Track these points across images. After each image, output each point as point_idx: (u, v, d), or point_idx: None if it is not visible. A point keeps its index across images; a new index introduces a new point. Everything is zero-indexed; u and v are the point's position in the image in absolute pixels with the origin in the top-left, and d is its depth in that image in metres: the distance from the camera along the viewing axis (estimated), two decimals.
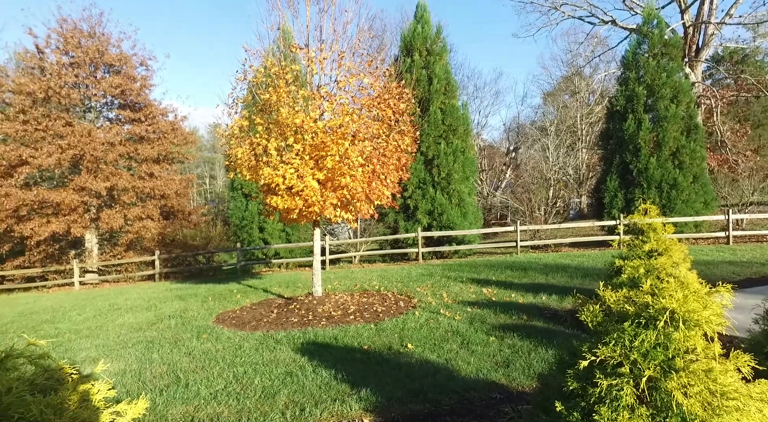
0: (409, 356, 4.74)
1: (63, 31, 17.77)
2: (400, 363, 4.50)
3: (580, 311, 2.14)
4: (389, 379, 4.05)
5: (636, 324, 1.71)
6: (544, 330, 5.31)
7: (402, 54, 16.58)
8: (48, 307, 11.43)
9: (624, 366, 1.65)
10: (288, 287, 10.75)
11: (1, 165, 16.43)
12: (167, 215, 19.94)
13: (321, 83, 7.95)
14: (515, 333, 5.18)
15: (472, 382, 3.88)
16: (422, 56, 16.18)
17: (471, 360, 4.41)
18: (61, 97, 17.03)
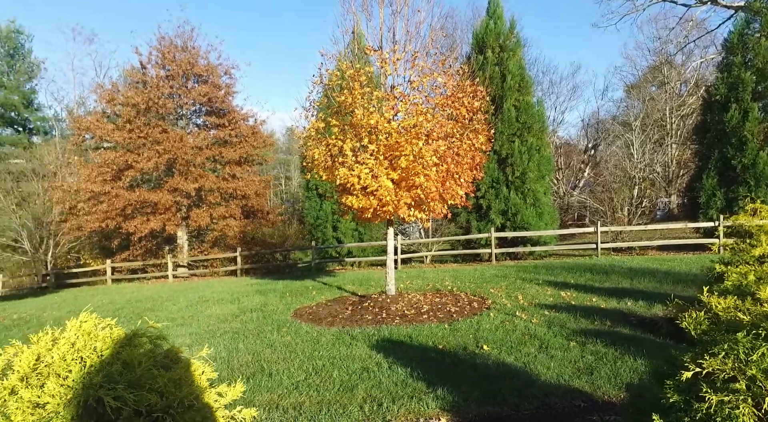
0: (485, 357, 4.66)
1: (161, 47, 19.53)
2: (476, 364, 4.44)
3: (680, 318, 1.98)
4: (466, 380, 4.01)
5: (753, 336, 1.55)
6: (630, 337, 4.98)
7: (474, 51, 16.30)
8: (148, 297, 12.63)
9: (739, 382, 1.51)
10: (361, 286, 10.99)
11: (112, 170, 18.42)
12: (248, 214, 21.20)
13: (394, 84, 8.03)
14: (598, 339, 4.90)
15: (553, 388, 3.74)
16: (495, 53, 15.80)
17: (550, 365, 4.24)
18: (159, 106, 18.74)
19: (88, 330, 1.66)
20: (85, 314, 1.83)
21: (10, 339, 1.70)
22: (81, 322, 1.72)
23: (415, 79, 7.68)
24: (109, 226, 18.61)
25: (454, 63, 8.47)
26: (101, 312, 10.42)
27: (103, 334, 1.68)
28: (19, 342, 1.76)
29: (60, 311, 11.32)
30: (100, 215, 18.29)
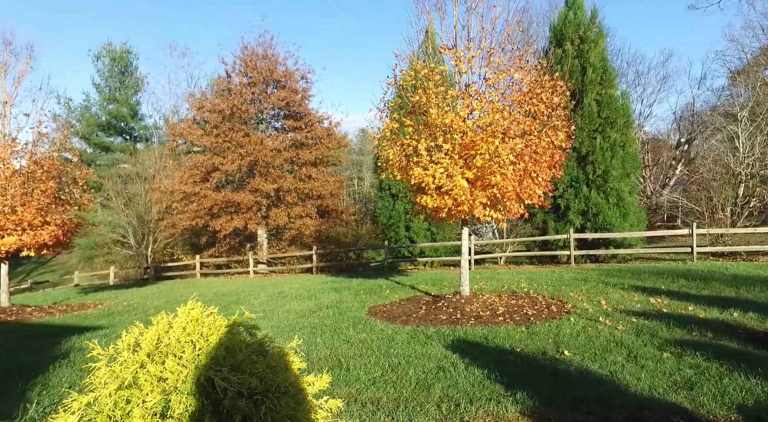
0: (566, 363, 4.46)
1: (244, 56, 20.86)
2: (557, 370, 4.26)
3: None
4: (546, 385, 3.87)
5: None
6: (739, 352, 4.51)
7: (551, 45, 15.61)
8: (233, 291, 13.52)
9: None
10: (434, 285, 10.96)
11: (201, 172, 19.98)
12: (323, 213, 21.98)
13: (469, 82, 7.92)
14: (698, 352, 4.49)
15: (645, 400, 3.49)
16: (574, 45, 15.02)
17: (641, 376, 3.96)
18: (242, 112, 20.01)
19: (196, 316, 1.83)
20: (192, 303, 2.01)
21: (134, 321, 1.90)
22: (189, 309, 1.89)
23: (490, 77, 7.52)
24: (198, 224, 20.19)
25: (532, 57, 8.19)
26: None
27: (208, 321, 1.84)
28: (141, 324, 1.98)
29: (159, 301, 12.46)
30: (191, 213, 19.91)
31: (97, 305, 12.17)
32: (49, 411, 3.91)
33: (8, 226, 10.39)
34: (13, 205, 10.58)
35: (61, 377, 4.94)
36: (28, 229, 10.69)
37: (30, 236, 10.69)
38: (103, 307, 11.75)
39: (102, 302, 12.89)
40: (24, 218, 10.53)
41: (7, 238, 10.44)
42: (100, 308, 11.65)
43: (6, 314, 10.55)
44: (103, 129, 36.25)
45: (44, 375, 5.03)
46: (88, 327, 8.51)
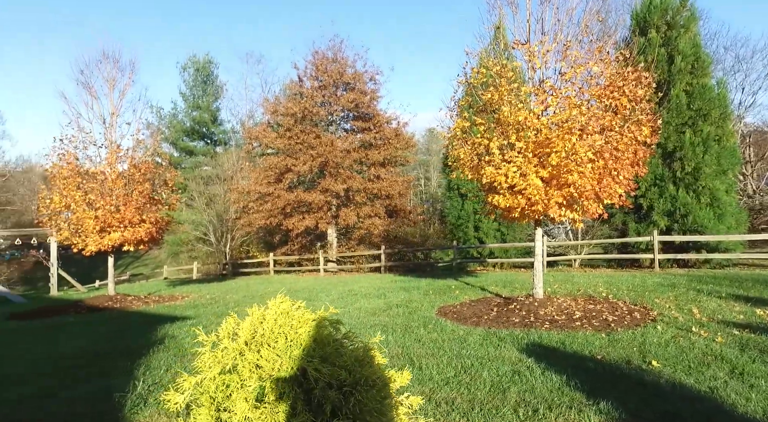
0: (655, 375, 4.16)
1: (315, 60, 21.59)
2: (644, 381, 4.00)
3: None
4: (633, 396, 3.64)
5: None
6: None
7: (633, 34, 14.60)
8: (305, 288, 14.05)
9: None
10: (505, 287, 10.68)
11: (275, 173, 20.97)
12: (391, 213, 22.19)
13: (543, 77, 7.64)
14: None
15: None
16: (660, 32, 13.93)
17: (751, 396, 3.60)
18: (313, 114, 20.73)
19: (286, 310, 1.93)
20: (281, 297, 2.13)
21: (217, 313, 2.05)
22: (279, 303, 2.00)
23: (566, 71, 7.20)
24: (272, 223, 21.20)
25: (613, 48, 7.73)
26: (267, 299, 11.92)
27: (297, 314, 1.93)
28: (234, 314, 2.13)
29: (237, 295, 13.24)
30: (266, 213, 20.96)
31: (184, 298, 13.18)
32: (153, 390, 4.32)
33: (114, 223, 11.59)
34: (117, 204, 11.78)
35: (160, 360, 5.41)
36: (129, 226, 11.85)
37: (130, 232, 11.84)
38: (189, 299, 12.70)
39: (188, 295, 13.93)
40: (125, 216, 11.69)
41: (113, 234, 11.65)
42: (186, 300, 12.61)
43: (113, 302, 11.77)
44: (188, 134, 39.17)
45: (146, 357, 5.55)
46: (177, 317, 9.24)
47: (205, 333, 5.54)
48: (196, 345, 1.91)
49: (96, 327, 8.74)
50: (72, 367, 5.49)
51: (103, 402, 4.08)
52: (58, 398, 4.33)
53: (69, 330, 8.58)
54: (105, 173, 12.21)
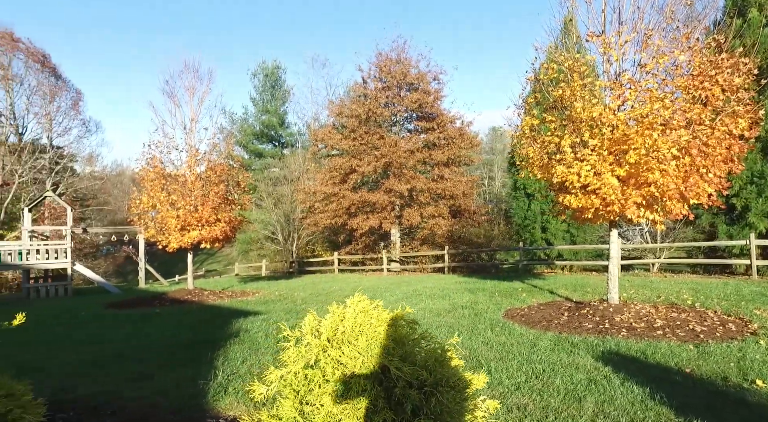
0: (759, 395, 3.78)
1: (379, 62, 21.84)
2: (745, 401, 3.64)
3: None
4: (733, 416, 3.33)
5: None
6: None
7: (727, 16, 13.33)
8: (369, 287, 14.24)
9: None
10: (575, 291, 10.20)
11: (340, 174, 21.47)
12: (454, 213, 21.94)
13: (620, 70, 7.19)
14: None
15: None
16: (763, 11, 12.61)
17: None
18: (377, 116, 20.98)
19: (365, 308, 1.97)
20: (359, 296, 2.17)
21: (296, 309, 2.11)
22: (358, 302, 2.04)
23: (647, 62, 6.73)
24: (337, 223, 21.72)
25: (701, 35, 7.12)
26: (333, 297, 12.23)
27: (375, 313, 1.96)
28: (314, 311, 2.21)
29: (305, 293, 13.69)
30: (331, 213, 21.51)
31: (254, 294, 13.83)
32: (231, 380, 4.58)
33: (192, 222, 12.45)
34: (196, 204, 12.63)
35: (236, 352, 5.73)
36: (206, 225, 12.67)
37: (207, 231, 12.65)
38: (259, 295, 13.31)
39: (258, 291, 14.61)
40: (203, 215, 12.51)
41: (192, 232, 12.51)
42: (257, 296, 13.22)
43: (191, 295, 12.63)
44: (257, 137, 41.12)
45: (224, 349, 5.89)
46: (249, 312, 9.72)
47: (276, 330, 5.80)
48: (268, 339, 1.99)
49: (179, 318, 9.41)
50: (162, 353, 5.95)
51: (189, 388, 4.39)
52: (154, 380, 4.72)
53: (156, 319, 9.31)
54: (185, 175, 13.14)
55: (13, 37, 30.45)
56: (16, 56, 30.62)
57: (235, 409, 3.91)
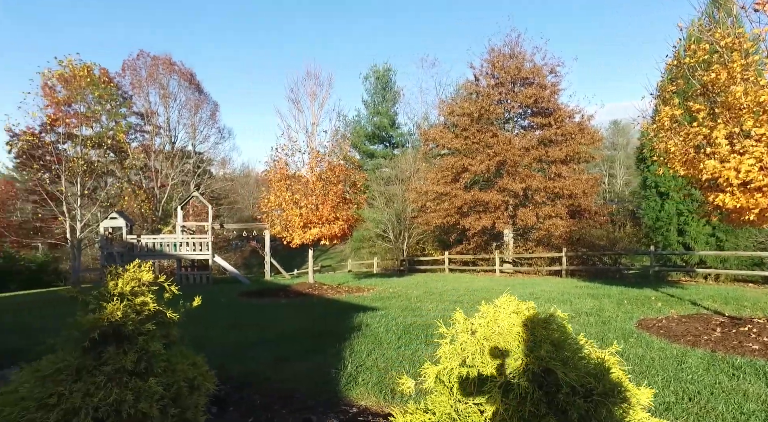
0: None
1: (491, 58, 21.27)
2: None
3: None
4: None
5: None
6: None
7: None
8: (482, 287, 13.95)
9: None
10: (727, 304, 8.91)
11: (452, 173, 21.36)
12: (573, 214, 20.53)
13: None
14: None
15: None
16: None
17: None
18: (489, 113, 20.45)
19: (517, 309, 1.92)
20: (508, 296, 2.13)
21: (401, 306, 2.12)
22: (508, 302, 2.00)
23: None
24: (449, 222, 21.60)
25: None
26: (447, 296, 12.20)
27: (528, 314, 1.91)
28: (461, 310, 2.22)
29: (418, 291, 13.85)
30: (442, 212, 21.46)
31: (369, 290, 14.35)
32: (360, 371, 4.81)
33: (314, 220, 13.34)
34: (316, 203, 13.51)
35: (361, 345, 6.00)
36: (326, 223, 13.47)
37: (326, 228, 13.45)
38: (374, 292, 13.78)
39: (372, 288, 15.13)
40: (323, 214, 13.33)
41: (313, 229, 13.41)
42: (372, 292, 13.70)
43: (312, 289, 13.55)
44: (369, 139, 42.63)
45: (349, 341, 6.21)
46: (367, 307, 10.12)
47: (393, 325, 5.93)
48: (389, 335, 2.04)
49: (304, 309, 10.15)
50: (294, 341, 6.47)
51: (322, 375, 4.71)
52: (290, 364, 5.16)
53: (284, 310, 10.15)
54: (307, 175, 14.12)
55: (171, 62, 35.55)
56: (172, 78, 35.66)
57: (365, 399, 4.10)
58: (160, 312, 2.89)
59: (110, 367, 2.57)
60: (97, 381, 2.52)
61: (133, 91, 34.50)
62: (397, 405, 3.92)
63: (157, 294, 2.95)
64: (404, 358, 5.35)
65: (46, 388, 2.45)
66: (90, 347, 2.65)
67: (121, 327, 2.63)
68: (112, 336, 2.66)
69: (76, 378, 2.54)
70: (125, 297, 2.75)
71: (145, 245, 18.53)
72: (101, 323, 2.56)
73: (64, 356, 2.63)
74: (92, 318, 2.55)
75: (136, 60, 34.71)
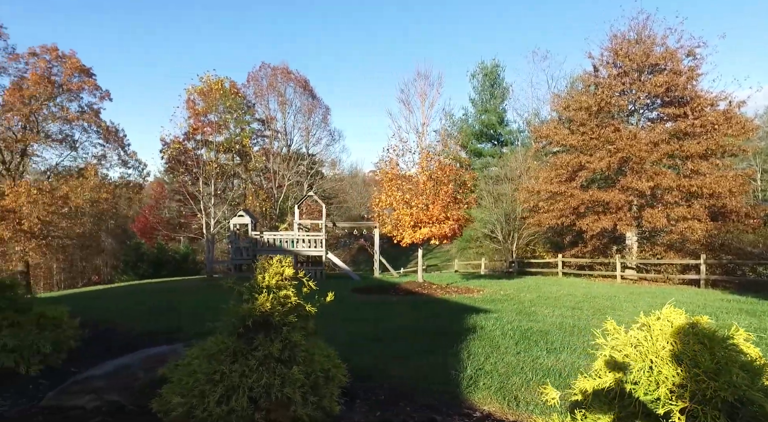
0: None
1: (613, 46, 19.52)
2: None
3: None
4: None
5: None
6: None
7: None
8: (602, 295, 12.86)
9: None
10: None
11: (567, 171, 20.05)
12: (715, 216, 17.99)
13: None
14: None
15: None
16: None
17: None
18: (611, 106, 18.79)
19: (687, 323, 1.71)
20: (671, 308, 1.90)
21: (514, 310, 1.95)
22: (673, 314, 1.79)
23: None
24: (563, 223, 20.29)
25: None
26: (563, 302, 11.43)
27: (704, 331, 1.68)
28: (612, 321, 2.04)
29: (531, 295, 13.21)
30: (556, 212, 20.23)
31: (479, 291, 14.04)
32: (480, 375, 4.71)
33: (424, 220, 13.43)
34: (427, 203, 13.58)
35: (477, 348, 5.88)
36: (436, 223, 13.48)
37: (436, 228, 13.45)
38: (484, 293, 13.43)
39: (482, 289, 14.77)
40: (433, 213, 13.36)
41: (423, 229, 13.51)
42: (481, 293, 13.38)
43: (421, 288, 13.67)
44: (477, 137, 41.77)
45: (465, 343, 6.13)
46: (479, 309, 9.89)
47: (508, 329, 5.69)
48: (506, 339, 1.90)
49: (415, 307, 10.26)
50: (410, 339, 6.56)
51: (440, 374, 4.70)
52: (408, 361, 5.23)
53: (395, 307, 10.35)
54: (417, 175, 14.25)
55: (288, 71, 38.51)
56: (288, 85, 38.59)
57: (488, 404, 4.00)
58: (300, 305, 3.10)
59: (260, 353, 2.83)
60: (250, 364, 2.79)
61: (256, 100, 37.94)
62: (524, 414, 3.77)
63: (297, 288, 3.18)
64: (525, 365, 5.12)
65: (212, 366, 2.77)
66: (243, 333, 2.94)
67: (269, 317, 2.88)
68: (262, 324, 2.92)
69: (233, 359, 2.84)
70: (271, 290, 3.01)
71: (266, 241, 20.22)
72: (254, 312, 2.82)
73: (222, 339, 2.95)
74: (247, 307, 2.83)
75: (259, 71, 38.13)
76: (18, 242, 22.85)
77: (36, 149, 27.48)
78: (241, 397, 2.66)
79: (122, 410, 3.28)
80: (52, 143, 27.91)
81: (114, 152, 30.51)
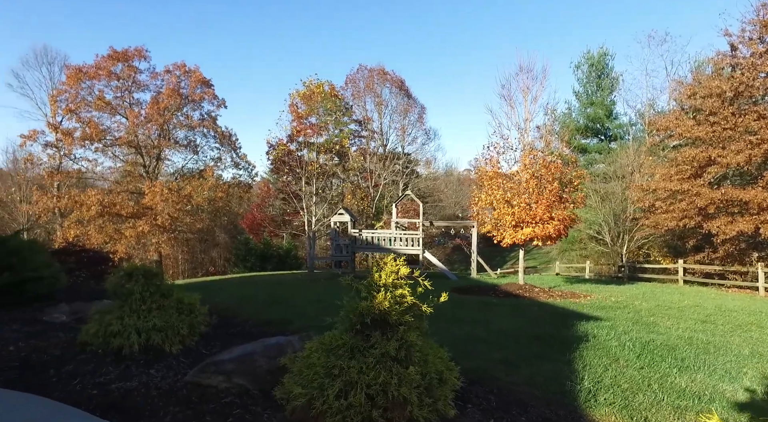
0: None
1: (759, 18, 16.84)
2: None
3: None
4: None
5: None
6: None
7: None
8: (741, 308, 11.25)
9: None
10: None
11: (693, 167, 17.88)
12: None
13: None
14: None
15: None
16: None
17: None
18: (753, 90, 16.33)
19: None
20: None
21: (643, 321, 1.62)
22: None
23: None
24: (686, 225, 18.10)
25: None
26: (689, 313, 10.18)
27: None
28: None
29: (648, 303, 11.98)
30: (678, 213, 18.11)
31: (586, 296, 13.05)
32: (599, 389, 4.33)
33: (526, 219, 12.82)
34: (530, 202, 12.94)
35: (592, 358, 5.43)
36: (539, 223, 12.79)
37: (540, 228, 12.76)
38: (592, 299, 12.45)
39: (589, 294, 13.71)
40: (537, 213, 12.69)
41: (525, 229, 12.89)
42: (589, 299, 12.42)
43: (522, 290, 13.07)
44: (581, 132, 38.95)
45: (578, 352, 5.70)
46: (588, 316, 9.18)
47: (626, 340, 5.15)
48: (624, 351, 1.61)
49: (517, 310, 9.81)
50: (516, 343, 6.27)
51: (553, 384, 4.40)
52: (517, 367, 5.00)
53: (497, 309, 9.99)
54: (520, 173, 13.64)
55: (384, 72, 39.29)
56: (384, 86, 39.35)
57: None
58: (415, 305, 3.07)
59: (378, 351, 2.84)
60: (368, 361, 2.82)
61: (353, 102, 39.20)
62: None
63: (412, 287, 3.15)
64: (652, 382, 4.62)
65: (330, 360, 2.85)
66: (360, 330, 2.99)
67: (386, 315, 2.89)
68: (379, 323, 2.94)
69: (351, 355, 2.89)
70: (388, 288, 3.01)
71: (365, 239, 20.75)
72: (373, 310, 2.85)
73: (340, 334, 3.02)
74: (366, 305, 2.86)
75: (356, 73, 39.36)
76: (153, 235, 26.18)
77: (167, 154, 31.26)
78: (359, 393, 2.69)
79: (248, 393, 3.53)
80: (180, 147, 31.56)
81: (228, 154, 33.62)
